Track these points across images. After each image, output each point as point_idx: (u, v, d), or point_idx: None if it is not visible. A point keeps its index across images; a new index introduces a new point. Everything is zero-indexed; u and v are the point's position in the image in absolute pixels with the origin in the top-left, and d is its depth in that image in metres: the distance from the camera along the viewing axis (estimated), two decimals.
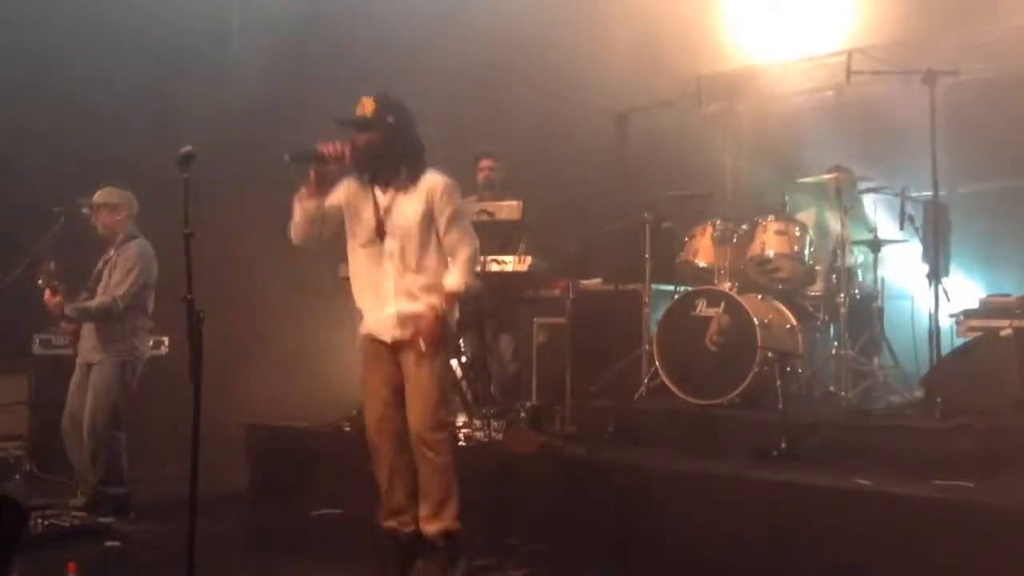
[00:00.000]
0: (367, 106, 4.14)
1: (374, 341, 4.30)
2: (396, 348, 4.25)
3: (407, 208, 4.21)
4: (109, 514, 5.36)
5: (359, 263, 4.32)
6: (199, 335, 2.95)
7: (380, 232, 4.20)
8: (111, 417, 5.43)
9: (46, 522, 4.96)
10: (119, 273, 5.48)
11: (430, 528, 4.21)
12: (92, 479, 5.44)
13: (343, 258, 4.52)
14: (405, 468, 4.24)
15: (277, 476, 6.26)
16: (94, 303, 5.45)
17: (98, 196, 5.65)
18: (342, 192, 4.32)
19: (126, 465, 5.53)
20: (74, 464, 5.58)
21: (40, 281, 5.42)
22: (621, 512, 4.81)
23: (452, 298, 4.25)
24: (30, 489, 5.97)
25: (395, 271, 4.21)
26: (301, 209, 4.22)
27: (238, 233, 7.27)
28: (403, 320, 4.21)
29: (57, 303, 5.41)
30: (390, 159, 4.20)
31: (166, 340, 6.38)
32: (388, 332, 4.25)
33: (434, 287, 4.22)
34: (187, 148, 3.16)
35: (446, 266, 4.26)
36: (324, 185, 4.22)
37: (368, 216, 4.24)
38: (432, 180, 4.23)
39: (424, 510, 4.22)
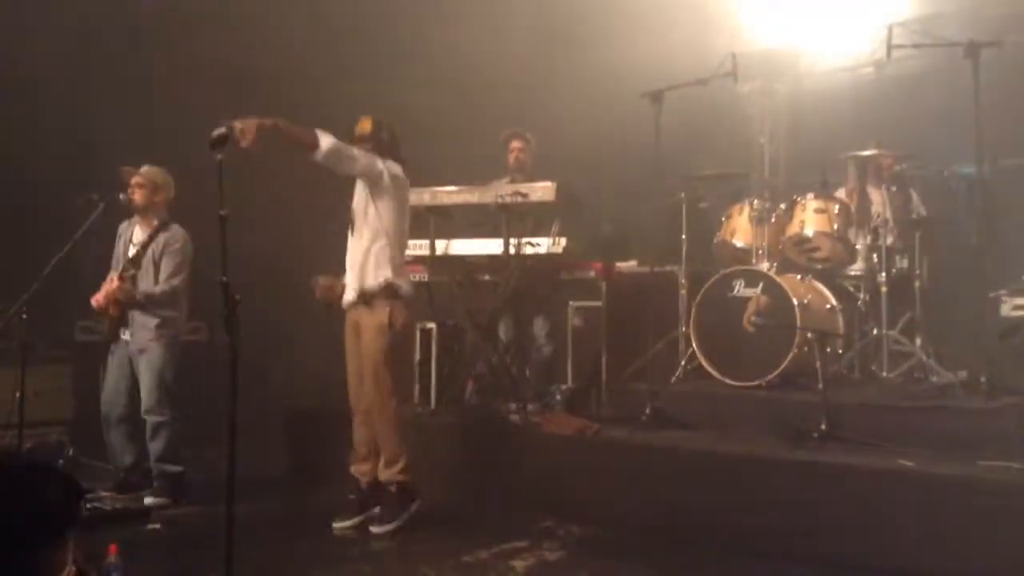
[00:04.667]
0: (366, 125, 5.00)
1: (347, 315, 5.08)
2: (356, 325, 5.01)
3: (360, 196, 5.00)
4: (165, 493, 5.45)
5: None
6: (235, 318, 2.95)
7: (352, 219, 5.00)
8: (168, 396, 5.53)
9: (88, 506, 5.04)
10: (171, 264, 5.60)
11: (384, 477, 5.03)
12: (130, 459, 5.54)
13: None
14: (367, 427, 5.08)
15: (316, 460, 6.30)
16: (158, 290, 5.56)
17: (145, 171, 5.69)
18: None
19: (179, 444, 5.60)
20: (111, 447, 5.63)
21: (122, 269, 5.57)
22: (658, 495, 4.80)
23: None
24: (73, 474, 6.02)
25: (354, 248, 4.99)
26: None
27: (276, 216, 7.29)
28: (354, 289, 4.99)
29: (128, 290, 5.51)
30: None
31: (203, 326, 6.42)
32: (348, 299, 5.04)
33: (375, 261, 4.92)
34: (220, 129, 3.14)
35: (387, 243, 4.93)
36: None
37: (351, 205, 5.06)
38: None
39: (380, 462, 5.05)
